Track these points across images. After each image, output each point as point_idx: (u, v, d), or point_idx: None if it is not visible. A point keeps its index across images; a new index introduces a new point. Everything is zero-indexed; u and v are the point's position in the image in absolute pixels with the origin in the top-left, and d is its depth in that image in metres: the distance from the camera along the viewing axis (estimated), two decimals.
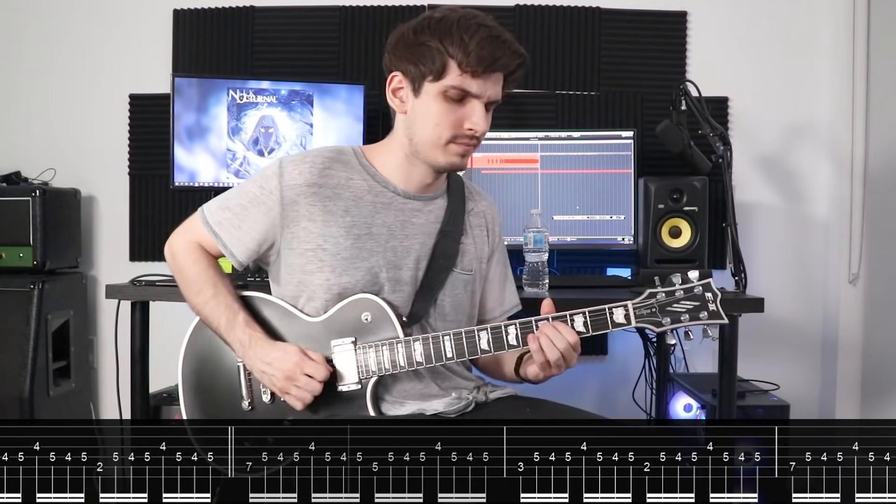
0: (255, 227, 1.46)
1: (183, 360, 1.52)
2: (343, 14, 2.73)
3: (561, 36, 2.71)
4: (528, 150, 2.41)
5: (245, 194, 1.48)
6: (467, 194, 1.59)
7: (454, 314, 1.52)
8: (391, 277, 1.46)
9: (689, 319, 1.35)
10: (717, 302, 1.36)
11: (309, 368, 1.39)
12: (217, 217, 1.49)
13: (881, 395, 2.60)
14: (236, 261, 1.49)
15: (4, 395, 2.36)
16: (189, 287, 1.51)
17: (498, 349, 1.40)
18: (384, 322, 1.42)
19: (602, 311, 1.37)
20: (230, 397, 1.48)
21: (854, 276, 2.64)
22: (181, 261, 1.52)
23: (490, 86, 1.40)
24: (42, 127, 2.79)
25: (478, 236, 1.58)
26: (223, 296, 1.47)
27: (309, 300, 1.46)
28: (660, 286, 1.37)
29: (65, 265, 2.64)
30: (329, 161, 1.47)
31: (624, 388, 2.67)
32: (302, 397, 1.39)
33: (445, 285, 1.50)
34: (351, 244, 1.44)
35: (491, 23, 1.40)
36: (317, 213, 1.43)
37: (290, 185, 1.43)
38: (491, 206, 1.64)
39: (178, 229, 1.55)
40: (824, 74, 2.70)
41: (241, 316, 1.45)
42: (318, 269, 1.43)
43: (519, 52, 1.40)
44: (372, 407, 1.42)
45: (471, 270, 1.55)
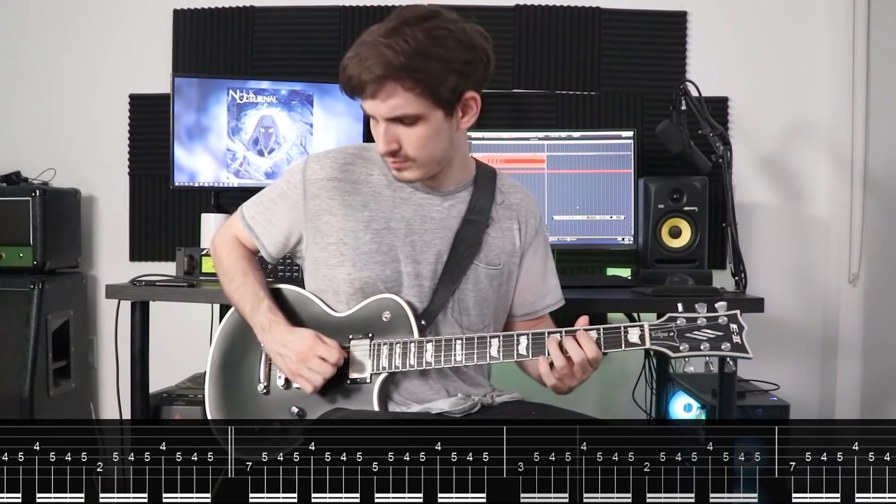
0: (283, 220, 1.52)
1: (216, 341, 1.59)
2: (343, 14, 2.73)
3: (561, 36, 2.71)
4: (532, 150, 2.41)
5: (275, 189, 1.55)
6: (498, 185, 1.56)
7: (478, 309, 1.50)
8: (411, 272, 1.46)
9: (709, 349, 1.30)
10: (743, 335, 1.31)
11: (322, 351, 1.41)
12: (251, 211, 1.57)
13: (881, 395, 2.60)
14: (267, 253, 1.56)
15: (4, 395, 2.36)
16: (223, 276, 1.58)
17: (507, 357, 1.39)
18: (402, 322, 1.44)
19: (616, 330, 1.33)
20: (250, 379, 1.53)
21: (854, 276, 2.64)
22: (220, 253, 1.60)
23: (377, 105, 1.36)
24: (42, 127, 2.79)
25: (506, 229, 1.55)
26: (251, 284, 1.53)
27: (335, 294, 1.49)
28: (682, 311, 1.33)
29: (65, 265, 2.64)
30: (351, 157, 1.51)
31: (624, 388, 2.67)
32: (313, 379, 1.41)
33: (468, 278, 1.48)
34: (370, 238, 1.46)
35: (367, 37, 1.34)
36: (337, 206, 1.47)
37: (312, 180, 1.48)
38: (527, 200, 1.59)
39: (221, 226, 1.65)
40: (824, 74, 2.70)
41: (265, 303, 1.50)
42: (340, 263, 1.46)
43: (371, 69, 1.31)
44: (378, 404, 1.43)
45: (498, 265, 1.52)
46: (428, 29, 1.33)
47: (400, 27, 1.33)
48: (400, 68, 1.31)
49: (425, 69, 1.33)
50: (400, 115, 1.36)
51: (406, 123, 1.38)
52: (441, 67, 1.34)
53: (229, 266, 1.57)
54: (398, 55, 1.31)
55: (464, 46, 1.36)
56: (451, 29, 1.36)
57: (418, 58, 1.32)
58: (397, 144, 1.39)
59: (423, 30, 1.33)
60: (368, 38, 1.34)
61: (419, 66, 1.32)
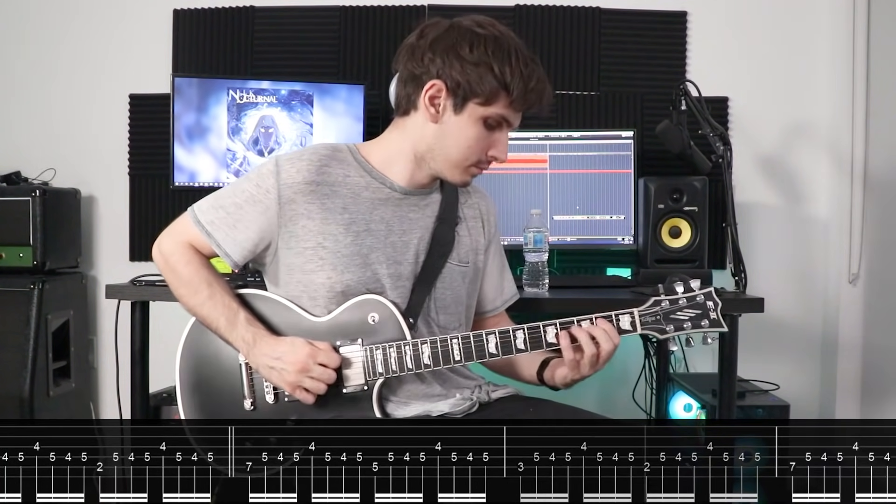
0: (251, 226, 1.44)
1: (181, 360, 1.49)
2: (343, 14, 2.73)
3: (561, 36, 2.71)
4: (534, 150, 2.41)
5: (240, 193, 1.45)
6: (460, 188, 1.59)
7: (454, 307, 1.52)
8: (392, 273, 1.45)
9: (691, 327, 1.39)
10: (718, 310, 1.39)
11: (322, 357, 1.38)
12: (209, 216, 1.46)
13: (881, 395, 2.60)
14: (231, 261, 1.46)
15: (4, 395, 2.36)
16: (183, 288, 1.47)
17: (506, 353, 1.39)
18: (391, 323, 1.42)
19: (609, 318, 1.39)
20: (231, 397, 1.46)
21: (854, 276, 2.64)
22: (173, 262, 1.48)
23: (517, 118, 1.46)
24: (42, 127, 2.79)
25: (472, 227, 1.58)
26: (220, 295, 1.44)
27: (311, 299, 1.45)
28: (663, 294, 1.39)
29: (65, 265, 2.64)
30: (326, 158, 1.46)
31: (624, 388, 2.67)
32: (317, 388, 1.38)
33: (444, 277, 1.50)
34: (351, 241, 1.43)
35: (537, 60, 1.44)
36: (315, 210, 1.42)
37: (288, 184, 1.41)
38: (485, 198, 1.64)
39: (167, 230, 1.52)
40: (824, 75, 2.70)
41: (241, 315, 1.42)
42: (319, 267, 1.42)
43: (549, 96, 1.46)
44: (377, 408, 1.41)
45: (468, 262, 1.55)
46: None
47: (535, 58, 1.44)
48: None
49: None
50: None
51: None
52: None
53: (190, 277, 1.46)
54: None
55: None
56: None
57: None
58: None
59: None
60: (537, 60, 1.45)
61: None
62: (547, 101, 1.45)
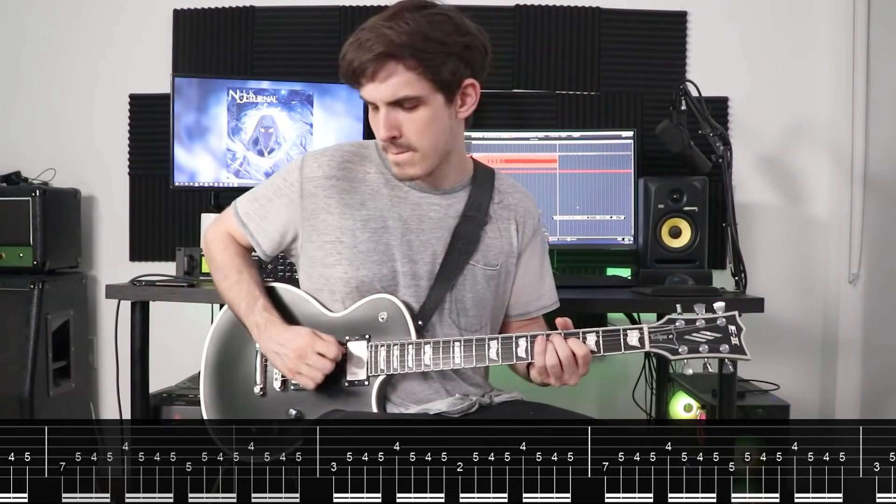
0: (278, 217, 1.51)
1: (209, 340, 1.57)
2: (343, 14, 2.73)
3: (561, 36, 2.71)
4: (542, 150, 2.40)
5: (271, 186, 1.53)
6: (497, 185, 1.56)
7: (476, 309, 1.50)
8: (407, 272, 1.46)
9: (707, 351, 1.31)
10: (741, 337, 1.32)
11: (320, 347, 1.41)
12: (246, 208, 1.55)
13: (881, 395, 2.60)
14: (262, 251, 1.54)
15: (4, 395, 2.36)
16: (217, 273, 1.56)
17: (506, 360, 1.39)
18: (399, 323, 1.43)
19: (616, 333, 1.34)
20: (245, 381, 1.52)
21: (854, 276, 2.64)
22: (212, 249, 1.58)
23: (377, 87, 1.35)
24: (42, 127, 2.79)
25: (504, 229, 1.54)
26: (246, 282, 1.51)
27: (331, 293, 1.48)
28: (680, 313, 1.33)
29: (65, 265, 2.64)
30: (349, 155, 1.50)
31: (624, 388, 2.67)
32: (313, 376, 1.41)
33: (465, 278, 1.48)
34: (368, 237, 1.45)
35: (366, 24, 1.36)
36: (334, 205, 1.46)
37: (310, 178, 1.47)
38: (525, 200, 1.59)
39: (214, 221, 1.62)
40: (824, 74, 2.70)
41: (260, 301, 1.48)
42: (337, 261, 1.46)
43: (371, 48, 1.32)
44: (377, 405, 1.43)
45: (496, 265, 1.52)
46: (427, 14, 1.36)
47: (400, 13, 1.35)
48: (402, 46, 1.32)
49: (426, 49, 1.33)
50: (401, 98, 1.35)
51: (406, 108, 1.37)
52: (441, 49, 1.35)
53: (223, 263, 1.55)
54: (400, 34, 1.32)
55: (462, 32, 1.38)
56: (450, 15, 1.38)
57: (419, 38, 1.33)
58: (398, 131, 1.38)
59: (422, 15, 1.35)
60: (368, 24, 1.36)
61: (420, 46, 1.33)
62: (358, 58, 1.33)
